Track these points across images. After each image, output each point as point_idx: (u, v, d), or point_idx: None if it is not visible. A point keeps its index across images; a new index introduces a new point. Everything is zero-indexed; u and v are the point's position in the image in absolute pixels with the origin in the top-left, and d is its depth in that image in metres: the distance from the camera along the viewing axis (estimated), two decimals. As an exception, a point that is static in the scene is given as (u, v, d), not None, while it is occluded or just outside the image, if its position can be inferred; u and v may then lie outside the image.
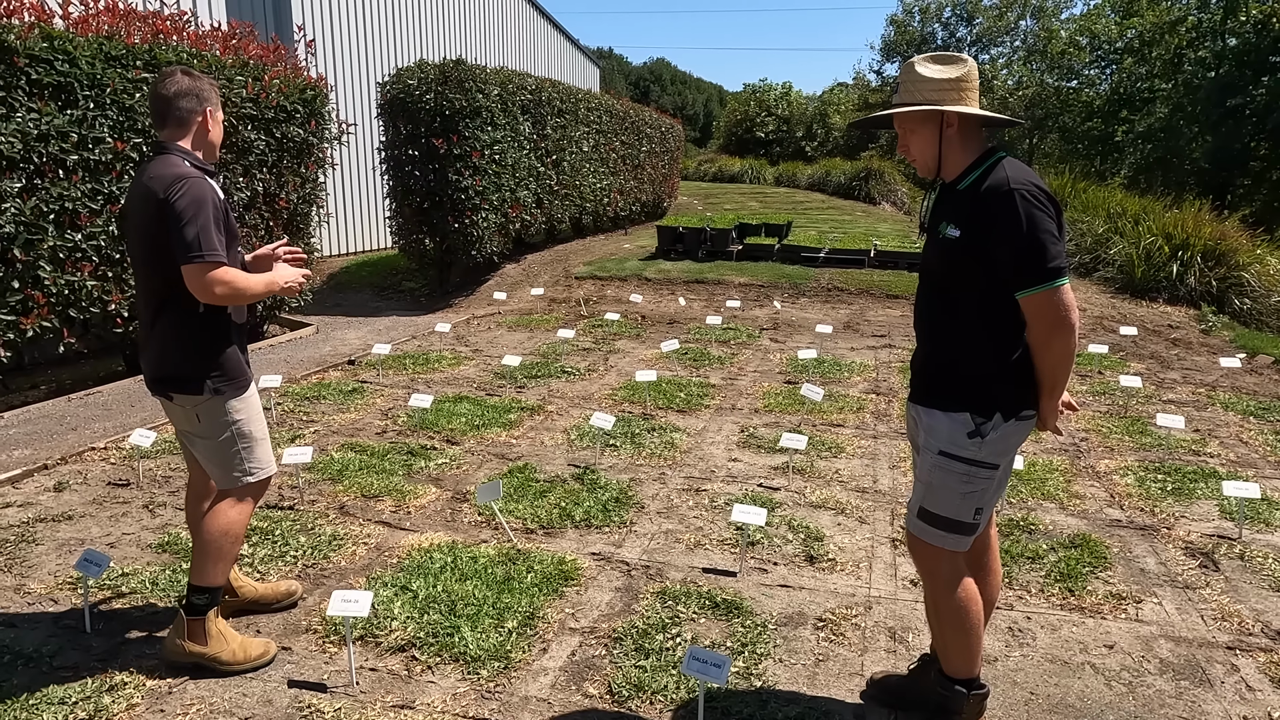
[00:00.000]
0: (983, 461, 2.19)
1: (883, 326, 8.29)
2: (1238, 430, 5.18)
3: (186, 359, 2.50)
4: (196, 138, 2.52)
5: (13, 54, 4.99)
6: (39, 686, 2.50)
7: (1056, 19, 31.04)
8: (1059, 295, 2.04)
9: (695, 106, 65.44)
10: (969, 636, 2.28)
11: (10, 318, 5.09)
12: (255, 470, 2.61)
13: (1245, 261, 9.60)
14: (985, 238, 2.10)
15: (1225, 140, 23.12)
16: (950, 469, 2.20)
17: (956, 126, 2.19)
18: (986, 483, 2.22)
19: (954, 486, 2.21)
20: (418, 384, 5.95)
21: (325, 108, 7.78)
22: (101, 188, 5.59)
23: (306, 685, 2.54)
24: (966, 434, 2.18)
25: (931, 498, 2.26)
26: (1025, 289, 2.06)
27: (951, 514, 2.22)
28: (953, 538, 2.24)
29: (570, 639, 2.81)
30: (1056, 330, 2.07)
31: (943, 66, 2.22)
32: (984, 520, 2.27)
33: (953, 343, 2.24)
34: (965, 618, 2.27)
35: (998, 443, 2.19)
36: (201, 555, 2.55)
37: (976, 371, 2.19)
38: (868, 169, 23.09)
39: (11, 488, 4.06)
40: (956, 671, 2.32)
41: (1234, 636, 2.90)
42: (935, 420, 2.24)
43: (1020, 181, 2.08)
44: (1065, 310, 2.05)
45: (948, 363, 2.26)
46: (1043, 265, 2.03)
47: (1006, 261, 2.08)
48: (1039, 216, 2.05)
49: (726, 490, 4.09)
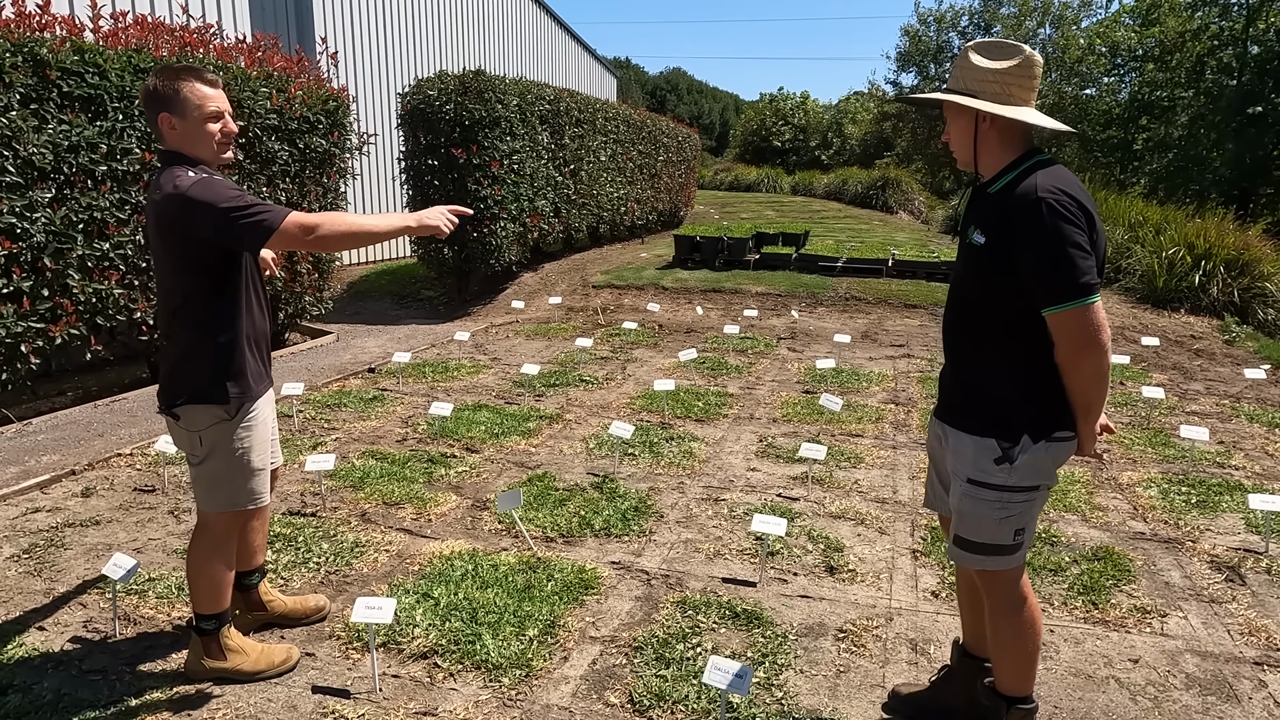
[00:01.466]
0: (1015, 486, 2.08)
1: (901, 336, 8.26)
2: (1263, 442, 5.12)
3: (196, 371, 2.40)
4: (176, 145, 2.36)
5: (45, 67, 5.09)
6: (68, 690, 2.54)
7: (1076, 27, 30.84)
8: (1089, 313, 1.92)
9: (711, 116, 65.58)
10: (1024, 660, 2.21)
11: (40, 325, 5.18)
12: (245, 500, 2.51)
13: (1269, 271, 9.49)
14: (1009, 247, 1.98)
15: (1247, 148, 22.88)
16: (981, 497, 2.11)
17: (992, 123, 2.07)
18: (1025, 505, 2.11)
19: (987, 514, 2.11)
20: (437, 392, 5.99)
21: (347, 118, 7.87)
22: (129, 198, 5.68)
23: (330, 691, 2.57)
24: (993, 460, 2.07)
25: (964, 525, 2.16)
26: (1052, 306, 1.94)
27: (989, 539, 2.12)
28: (995, 559, 2.14)
29: (591, 648, 2.82)
30: (1086, 350, 1.95)
31: (990, 58, 2.08)
32: (1028, 539, 2.16)
33: (978, 359, 2.14)
34: (1020, 642, 2.19)
35: (1029, 466, 2.07)
36: (196, 588, 2.51)
37: (1002, 392, 2.08)
38: (884, 178, 23.06)
39: (40, 493, 4.12)
40: (1007, 689, 2.24)
41: (1261, 652, 2.87)
42: (961, 444, 2.15)
43: (1049, 189, 1.95)
44: (1095, 329, 1.92)
45: (973, 380, 2.15)
46: (1071, 281, 1.90)
47: (1030, 275, 1.95)
48: (1067, 229, 1.91)
49: (745, 500, 4.09)
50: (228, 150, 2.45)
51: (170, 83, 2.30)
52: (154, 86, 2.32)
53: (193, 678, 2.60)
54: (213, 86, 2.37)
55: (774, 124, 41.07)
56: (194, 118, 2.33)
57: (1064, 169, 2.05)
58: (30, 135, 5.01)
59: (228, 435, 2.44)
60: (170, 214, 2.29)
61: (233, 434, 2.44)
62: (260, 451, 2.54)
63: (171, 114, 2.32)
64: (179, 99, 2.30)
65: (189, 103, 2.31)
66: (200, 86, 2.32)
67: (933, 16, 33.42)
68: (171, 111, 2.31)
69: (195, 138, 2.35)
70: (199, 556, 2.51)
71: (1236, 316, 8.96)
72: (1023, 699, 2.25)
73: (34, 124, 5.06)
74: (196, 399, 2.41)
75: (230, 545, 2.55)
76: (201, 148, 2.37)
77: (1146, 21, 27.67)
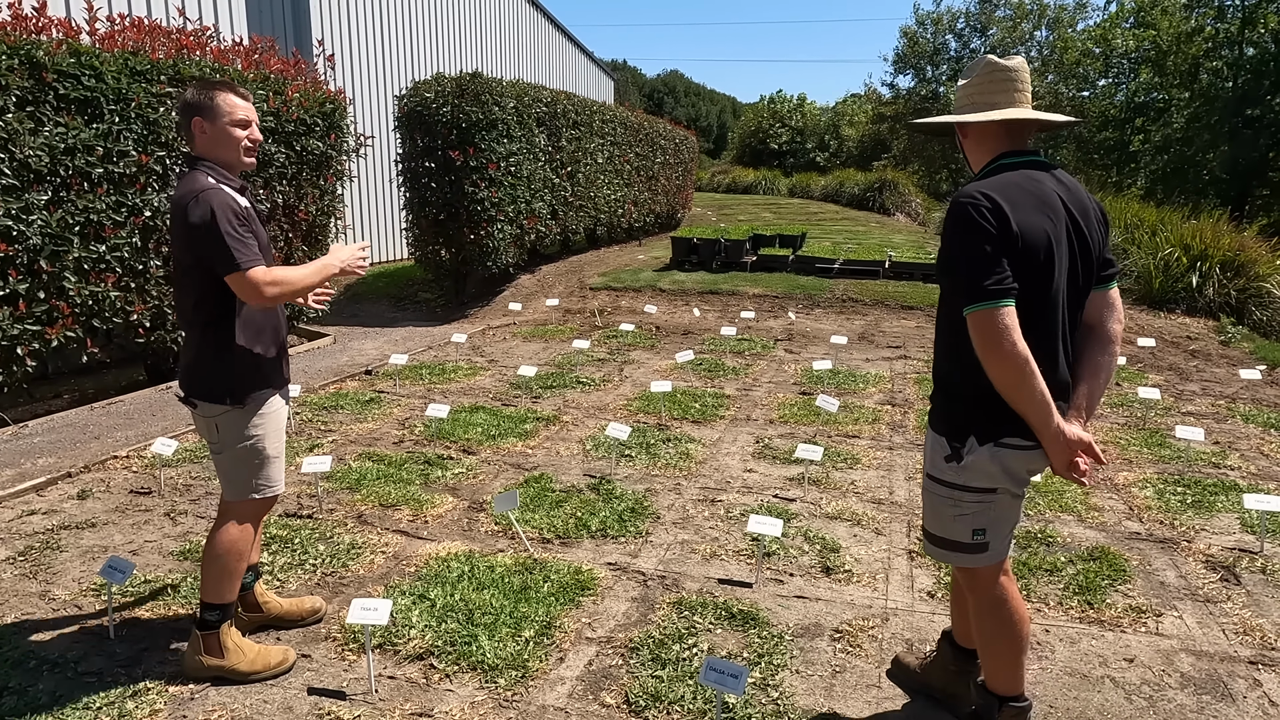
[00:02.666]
0: (965, 486, 2.11)
1: (898, 338, 8.27)
2: (1258, 443, 5.14)
3: (210, 369, 2.53)
4: (204, 149, 2.53)
5: (42, 69, 5.09)
6: (64, 692, 2.53)
7: (1072, 29, 30.93)
8: (988, 317, 1.91)
9: (709, 118, 65.70)
10: (1006, 657, 2.23)
11: (36, 328, 5.17)
12: (263, 487, 2.62)
13: (1265, 272, 9.52)
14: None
15: (1243, 151, 22.95)
16: (935, 492, 2.19)
17: (970, 135, 2.19)
18: (980, 507, 2.13)
19: (940, 509, 2.18)
20: (434, 394, 5.99)
21: (344, 121, 7.88)
22: (125, 200, 5.68)
23: (326, 693, 2.56)
24: (943, 457, 2.13)
25: (927, 517, 2.26)
26: (965, 308, 1.96)
27: (946, 534, 2.18)
28: (957, 556, 2.19)
29: (587, 649, 2.82)
30: (986, 355, 1.95)
31: (965, 77, 2.22)
32: (995, 540, 2.16)
33: (939, 359, 2.20)
34: (999, 641, 2.21)
35: (977, 468, 2.08)
36: (208, 573, 2.59)
37: (955, 391, 2.13)
38: (882, 180, 23.11)
39: (36, 495, 4.12)
40: (996, 688, 2.27)
41: (1256, 651, 2.87)
42: (928, 439, 2.23)
43: (969, 192, 1.98)
44: (996, 335, 1.91)
45: (937, 379, 2.22)
46: (970, 284, 1.93)
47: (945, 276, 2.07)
48: (968, 234, 1.94)
49: (742, 501, 4.10)
50: (252, 156, 2.61)
51: (206, 91, 2.53)
52: (191, 95, 2.53)
53: (189, 675, 2.60)
54: (243, 98, 2.57)
55: (771, 126, 41.12)
56: (223, 123, 2.52)
57: (1011, 175, 2.06)
58: (26, 138, 5.01)
59: (242, 423, 2.56)
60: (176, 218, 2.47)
61: (248, 422, 2.56)
62: (274, 439, 2.63)
63: (203, 119, 2.51)
64: (212, 105, 2.50)
65: (220, 109, 2.51)
66: (232, 96, 2.54)
67: (930, 19, 33.52)
68: (204, 116, 2.51)
69: (222, 141, 2.53)
70: (216, 543, 2.59)
71: (1232, 317, 8.98)
72: (1014, 697, 2.26)
73: (30, 126, 5.06)
74: (208, 396, 2.54)
75: (248, 535, 2.63)
76: (228, 151, 2.54)
77: (1142, 23, 27.74)
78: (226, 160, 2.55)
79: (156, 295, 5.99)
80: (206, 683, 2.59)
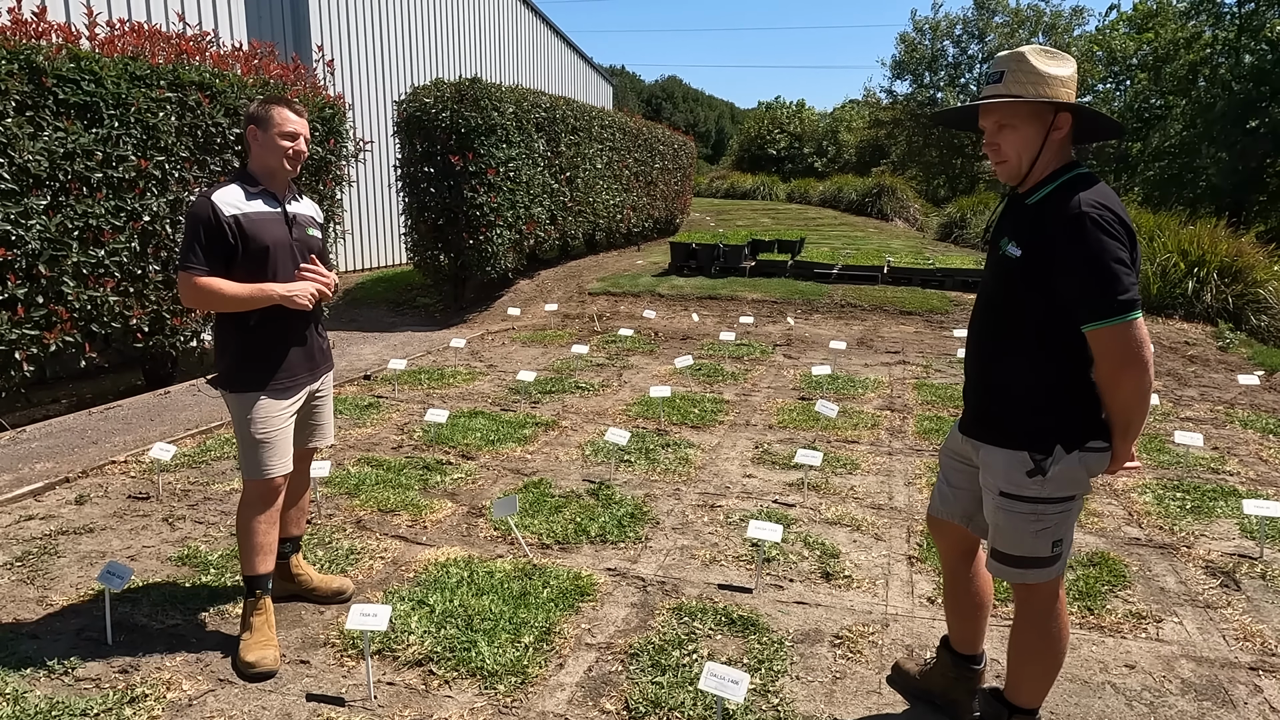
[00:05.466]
0: (1049, 498, 2.04)
1: (896, 343, 8.28)
2: (1257, 448, 5.14)
3: (217, 355, 2.83)
4: (255, 155, 2.81)
5: (41, 74, 5.09)
6: (61, 698, 2.52)
7: (1068, 36, 31.03)
8: (1131, 329, 1.87)
9: (707, 124, 65.84)
10: (1044, 671, 2.20)
11: (34, 332, 5.16)
12: (261, 470, 2.78)
13: (1262, 278, 9.55)
14: (1048, 261, 1.94)
15: (1241, 158, 22.99)
16: (1014, 510, 2.07)
17: (1065, 130, 2.00)
18: (1060, 517, 2.07)
19: (1022, 527, 2.07)
20: (433, 399, 5.98)
21: (343, 126, 7.88)
22: (124, 205, 5.68)
23: (325, 699, 2.55)
24: (1025, 473, 2.04)
25: (1001, 538, 2.12)
26: (1093, 322, 1.90)
27: (1027, 552, 2.09)
28: (1034, 572, 2.11)
29: (587, 654, 2.81)
30: (1128, 367, 1.90)
31: (1057, 63, 1.99)
32: (1067, 550, 2.12)
33: (1008, 371, 2.09)
34: (1044, 655, 2.18)
35: (1062, 477, 2.03)
36: (239, 546, 2.83)
37: (1034, 403, 2.05)
38: (880, 185, 23.16)
39: (34, 500, 4.10)
40: (1020, 700, 2.23)
41: (1257, 657, 2.87)
42: (992, 457, 2.11)
43: (1092, 203, 1.91)
44: (1138, 346, 1.88)
45: (1002, 392, 2.11)
46: (1113, 297, 1.86)
47: (1071, 290, 1.92)
48: (1110, 244, 1.88)
49: (741, 506, 4.09)
50: (297, 166, 2.85)
51: (265, 106, 2.80)
52: (253, 108, 2.81)
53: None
54: (296, 114, 2.82)
55: (770, 132, 41.21)
56: (272, 132, 2.77)
57: (1105, 185, 2.01)
58: (26, 142, 5.01)
59: (245, 408, 2.77)
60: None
61: (249, 408, 2.76)
62: (269, 428, 2.78)
63: (258, 128, 2.78)
64: (267, 116, 2.76)
65: (273, 120, 2.76)
66: (286, 111, 2.79)
67: (928, 25, 33.63)
68: (258, 126, 2.77)
69: (269, 149, 2.78)
70: (238, 519, 2.83)
71: (1230, 323, 9.00)
72: (1029, 711, 2.24)
73: (30, 131, 5.05)
74: (217, 380, 2.83)
75: (256, 512, 2.79)
76: (273, 158, 2.79)
77: (1141, 29, 27.84)
78: (270, 166, 2.79)
79: (155, 300, 5.99)
80: (206, 688, 2.58)
